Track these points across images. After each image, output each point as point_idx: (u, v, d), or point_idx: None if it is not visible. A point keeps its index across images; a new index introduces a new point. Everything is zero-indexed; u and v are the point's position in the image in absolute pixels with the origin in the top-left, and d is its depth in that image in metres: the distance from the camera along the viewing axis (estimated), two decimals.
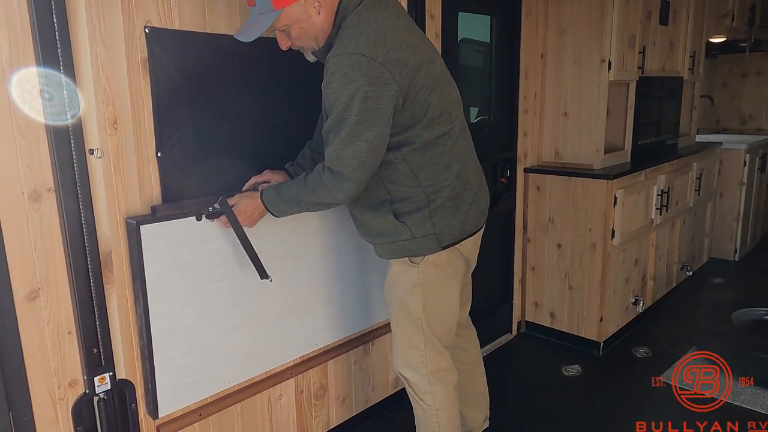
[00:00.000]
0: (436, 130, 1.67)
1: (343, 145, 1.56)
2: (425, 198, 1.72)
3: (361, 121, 1.53)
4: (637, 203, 3.22)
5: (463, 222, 1.78)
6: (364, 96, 1.51)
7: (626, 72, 3.09)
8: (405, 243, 1.76)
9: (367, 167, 1.60)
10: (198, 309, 1.75)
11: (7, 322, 1.44)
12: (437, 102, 1.66)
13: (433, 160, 1.69)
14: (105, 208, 1.57)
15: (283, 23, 1.60)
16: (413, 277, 1.80)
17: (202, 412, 1.87)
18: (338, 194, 1.63)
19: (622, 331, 3.31)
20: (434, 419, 1.92)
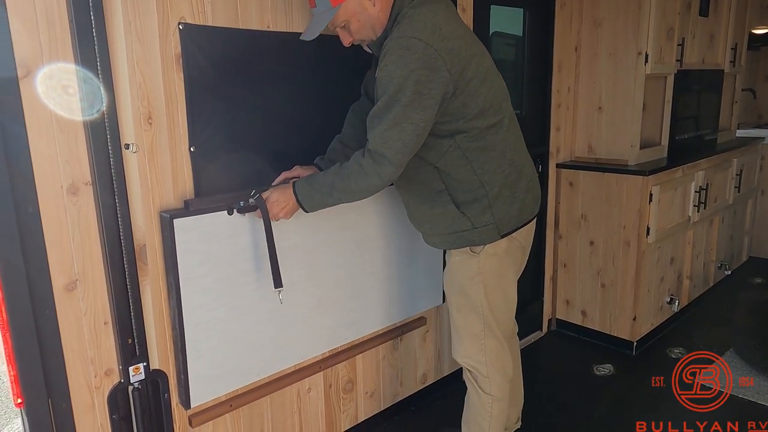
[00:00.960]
0: (487, 120, 1.70)
1: (389, 126, 1.58)
2: (481, 187, 1.74)
3: (411, 103, 1.56)
4: (674, 200, 3.14)
5: (520, 210, 1.81)
6: (417, 79, 1.55)
7: (664, 65, 3.01)
8: (465, 233, 1.78)
9: (408, 151, 1.61)
10: (229, 302, 1.77)
11: (47, 311, 1.49)
12: (487, 93, 1.69)
13: (486, 148, 1.72)
14: (140, 201, 1.61)
15: (342, 19, 1.67)
16: (474, 266, 1.82)
17: (232, 403, 1.90)
18: (375, 179, 1.63)
19: (657, 331, 3.24)
20: (488, 408, 1.94)
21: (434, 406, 2.63)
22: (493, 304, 1.87)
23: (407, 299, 2.36)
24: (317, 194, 1.72)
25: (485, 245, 1.80)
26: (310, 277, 1.98)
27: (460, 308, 1.90)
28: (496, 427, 1.96)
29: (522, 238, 1.89)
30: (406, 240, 2.29)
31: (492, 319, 1.87)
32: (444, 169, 1.74)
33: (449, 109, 1.64)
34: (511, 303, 1.96)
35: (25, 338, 1.45)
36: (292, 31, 1.85)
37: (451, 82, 1.60)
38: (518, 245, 1.89)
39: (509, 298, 1.95)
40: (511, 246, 1.86)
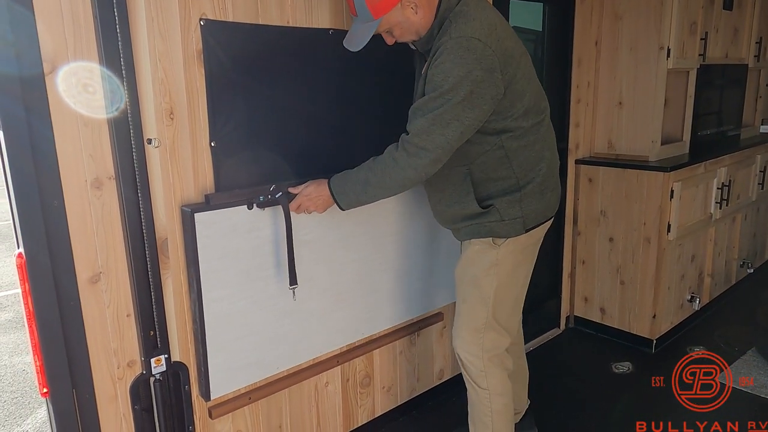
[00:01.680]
0: (531, 119, 1.73)
1: (434, 120, 1.59)
2: (516, 183, 1.76)
3: (463, 101, 1.58)
4: (696, 197, 3.09)
5: (546, 207, 1.85)
6: (473, 79, 1.57)
7: (686, 60, 2.97)
8: (492, 224, 1.79)
9: (449, 148, 1.63)
10: (248, 296, 1.79)
11: (71, 303, 1.51)
12: (532, 92, 1.73)
13: (528, 146, 1.75)
14: (161, 196, 1.63)
15: (384, 28, 1.71)
16: (492, 257, 1.83)
17: (251, 396, 1.92)
18: (410, 171, 1.64)
19: (677, 329, 3.20)
20: (487, 403, 1.93)
21: (451, 402, 2.63)
22: (502, 297, 1.88)
23: (424, 295, 2.36)
24: (351, 191, 1.73)
25: (508, 238, 1.80)
26: (328, 271, 1.99)
27: (467, 298, 1.90)
28: (500, 421, 1.95)
29: (539, 235, 1.91)
30: (423, 235, 2.29)
31: (495, 312, 1.88)
32: (478, 167, 1.76)
33: (499, 108, 1.66)
34: (521, 298, 1.97)
35: (50, 329, 1.48)
36: (311, 27, 1.86)
37: (502, 83, 1.62)
38: (535, 242, 1.91)
39: (520, 294, 1.96)
40: (530, 243, 1.87)
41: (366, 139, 2.07)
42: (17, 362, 3.50)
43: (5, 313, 4.31)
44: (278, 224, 1.81)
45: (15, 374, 3.35)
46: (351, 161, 1.89)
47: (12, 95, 1.35)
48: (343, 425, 2.27)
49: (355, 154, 2.04)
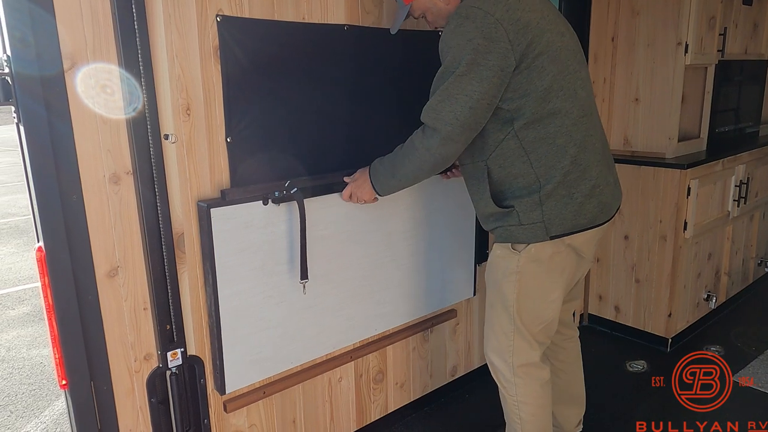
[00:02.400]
0: (552, 105, 1.60)
1: (442, 98, 1.55)
2: (536, 181, 1.64)
3: (466, 73, 1.52)
4: (713, 194, 3.06)
5: (576, 213, 1.67)
6: (474, 48, 1.51)
7: (705, 55, 2.93)
8: (512, 228, 1.70)
9: (461, 125, 1.55)
10: (263, 291, 1.80)
11: (90, 297, 1.53)
12: (558, 74, 1.60)
13: (546, 138, 1.62)
14: (178, 191, 1.64)
15: (418, 13, 1.78)
16: (512, 264, 1.75)
17: (266, 390, 1.93)
18: (424, 153, 1.60)
19: (693, 328, 3.17)
20: (515, 410, 1.89)
21: (464, 398, 2.63)
22: (526, 307, 1.78)
23: (438, 291, 2.36)
24: (383, 177, 1.75)
25: (529, 245, 1.70)
26: (343, 267, 2.00)
27: (493, 303, 1.86)
28: (530, 431, 1.89)
29: (577, 245, 1.75)
30: (437, 232, 2.29)
31: (521, 322, 1.79)
32: (495, 162, 1.67)
33: (512, 84, 1.56)
34: (549, 311, 1.81)
35: (69, 322, 1.50)
36: (327, 23, 1.86)
37: (513, 54, 1.52)
38: (570, 251, 1.75)
39: (548, 306, 1.80)
40: (559, 251, 1.73)
41: (381, 135, 2.07)
42: (35, 355, 3.55)
43: (23, 307, 4.38)
44: (293, 220, 1.82)
45: (33, 367, 3.40)
46: (365, 157, 1.90)
47: (33, 93, 1.36)
48: (356, 420, 2.28)
49: (370, 150, 2.04)
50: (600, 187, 1.70)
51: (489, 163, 1.69)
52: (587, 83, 1.73)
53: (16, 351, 3.62)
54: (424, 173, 1.71)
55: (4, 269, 5.32)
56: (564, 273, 1.79)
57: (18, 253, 5.85)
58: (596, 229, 1.76)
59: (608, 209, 1.76)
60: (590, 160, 1.68)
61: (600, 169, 1.71)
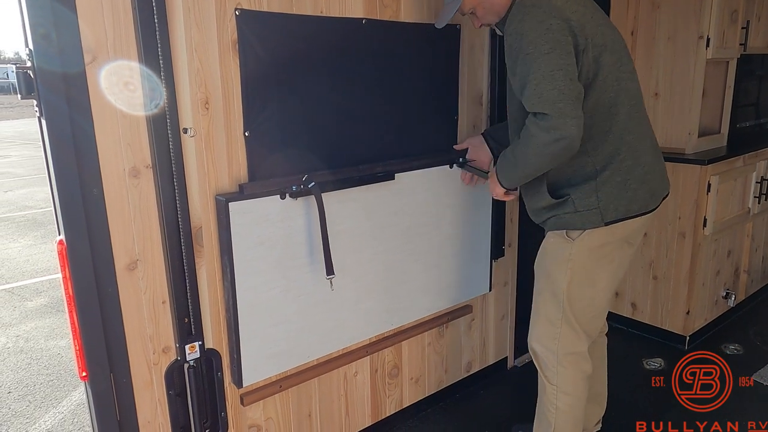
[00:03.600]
0: (609, 94, 1.66)
1: (538, 81, 1.55)
2: (592, 168, 1.70)
3: (551, 50, 1.54)
4: (733, 191, 3.01)
5: (630, 200, 1.73)
6: (548, 28, 1.55)
7: (726, 49, 2.88)
8: (567, 216, 1.74)
9: (566, 98, 1.54)
10: (281, 285, 1.80)
11: (109, 289, 1.54)
12: (613, 65, 1.66)
13: (604, 126, 1.67)
14: (196, 184, 1.64)
15: (468, 7, 1.79)
16: (565, 252, 1.78)
17: (282, 384, 1.94)
18: (544, 136, 1.56)
19: (711, 326, 3.13)
20: (553, 400, 1.90)
21: (479, 394, 2.62)
22: (577, 296, 1.80)
23: (454, 287, 2.35)
24: (506, 169, 1.77)
25: (584, 231, 1.74)
26: (359, 262, 1.99)
27: (542, 291, 1.87)
28: (564, 421, 1.89)
29: (628, 232, 1.79)
30: (454, 228, 2.27)
31: (570, 310, 1.81)
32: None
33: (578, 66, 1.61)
34: (600, 300, 1.86)
35: (89, 314, 1.51)
36: (345, 16, 1.85)
37: (579, 35, 1.58)
38: (621, 239, 1.79)
39: (599, 295, 1.84)
40: (611, 240, 1.77)
41: (398, 129, 2.06)
42: (52, 346, 3.60)
43: (41, 298, 4.43)
44: (311, 214, 1.82)
45: (51, 357, 3.45)
46: (384, 151, 1.89)
47: (54, 88, 1.37)
48: (371, 415, 2.29)
49: (388, 144, 2.04)
50: (650, 174, 1.76)
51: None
52: (635, 76, 1.78)
53: (35, 342, 3.67)
54: (547, 159, 1.64)
55: (22, 261, 5.39)
56: (614, 263, 1.82)
57: (35, 245, 5.92)
58: (645, 216, 1.80)
59: (656, 196, 1.81)
60: (643, 148, 1.75)
61: (650, 156, 1.77)
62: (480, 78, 2.30)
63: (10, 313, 4.15)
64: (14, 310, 4.22)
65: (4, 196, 8.66)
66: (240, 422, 1.88)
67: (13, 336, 3.77)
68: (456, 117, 2.24)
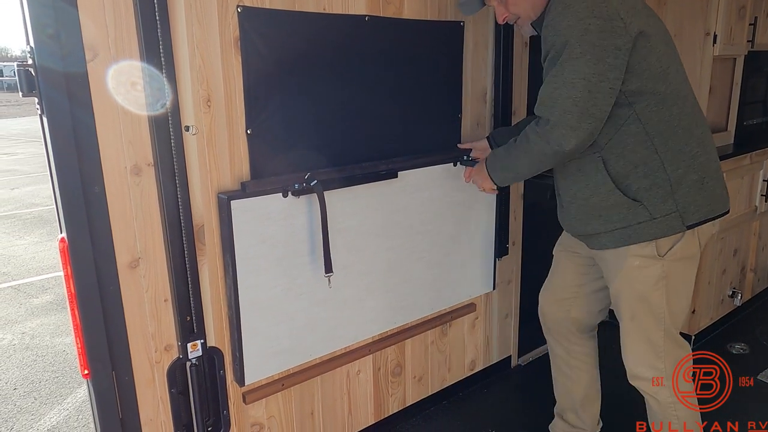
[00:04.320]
0: (673, 86, 1.53)
1: (557, 84, 1.46)
2: (662, 169, 1.53)
3: (582, 55, 1.42)
4: (740, 189, 2.99)
5: (710, 198, 1.59)
6: (586, 28, 1.41)
7: (734, 46, 2.85)
8: (642, 226, 1.57)
9: (580, 111, 1.44)
10: (283, 283, 1.80)
11: (111, 287, 1.54)
12: (670, 55, 1.55)
13: (671, 120, 1.53)
14: (198, 182, 1.64)
15: None
16: (657, 271, 1.62)
17: (284, 382, 1.93)
18: (542, 145, 1.50)
19: (717, 325, 3.11)
20: (671, 411, 1.80)
21: (482, 393, 2.61)
22: (676, 308, 1.69)
23: (457, 285, 2.34)
24: (499, 168, 1.73)
25: (673, 247, 1.59)
26: (362, 260, 1.99)
27: (636, 315, 1.71)
28: (690, 426, 1.83)
29: (706, 233, 1.66)
30: (458, 226, 2.26)
31: (671, 324, 1.70)
32: (613, 152, 1.55)
33: (629, 64, 1.47)
34: (689, 304, 1.78)
35: (91, 312, 1.51)
36: (348, 13, 1.84)
37: (626, 32, 1.43)
38: (700, 242, 1.66)
39: (689, 301, 1.76)
40: (697, 246, 1.65)
41: (402, 126, 2.05)
42: (58, 343, 3.62)
43: (46, 295, 4.45)
44: (313, 212, 1.81)
45: (56, 354, 3.46)
46: (387, 149, 1.88)
47: (56, 85, 1.37)
48: (374, 413, 2.28)
49: (391, 141, 2.03)
50: (720, 170, 1.65)
51: (605, 153, 1.57)
52: (683, 69, 1.67)
53: (40, 339, 3.68)
54: (542, 165, 1.59)
55: (28, 258, 5.42)
56: (697, 265, 1.72)
57: (41, 242, 5.95)
58: (719, 218, 1.67)
59: (728, 193, 1.69)
60: (711, 142, 1.63)
61: (716, 151, 1.66)
62: (484, 75, 2.29)
63: (16, 310, 4.17)
64: (20, 307, 4.24)
65: (10, 193, 8.71)
66: (242, 420, 1.88)
67: (18, 333, 3.78)
68: (459, 115, 2.23)
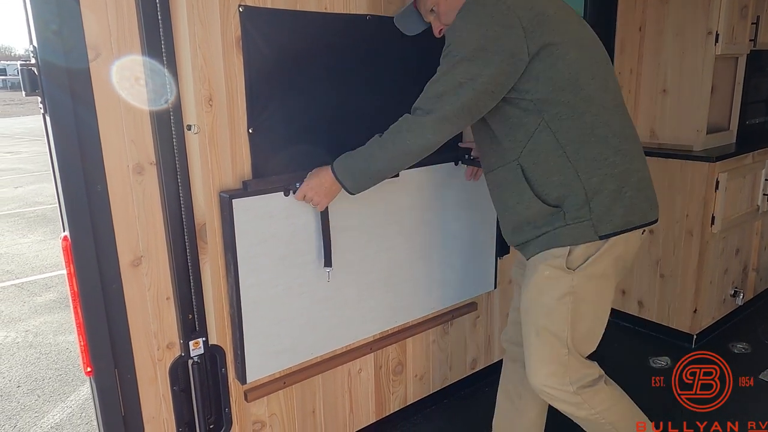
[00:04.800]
0: (585, 93, 1.49)
1: (445, 82, 1.47)
2: (576, 179, 1.51)
3: (473, 58, 1.43)
4: (742, 188, 2.98)
5: (628, 209, 1.53)
6: (483, 34, 1.43)
7: (736, 45, 2.85)
8: (557, 231, 1.54)
9: (462, 105, 1.46)
10: (284, 281, 1.81)
11: (114, 286, 1.55)
12: (586, 61, 1.51)
13: (584, 129, 1.50)
14: (200, 181, 1.65)
15: (430, 4, 1.66)
16: (566, 285, 1.57)
17: (286, 380, 1.94)
18: (416, 136, 1.50)
19: (718, 325, 3.11)
20: (601, 421, 1.70)
21: (483, 391, 2.61)
22: (580, 329, 1.62)
23: (459, 284, 2.34)
24: (357, 170, 1.62)
25: (585, 261, 1.54)
26: (364, 259, 1.99)
27: (540, 331, 1.65)
28: (625, 428, 1.73)
29: (623, 249, 1.58)
30: (459, 225, 2.27)
31: (574, 345, 1.63)
32: (529, 160, 1.54)
33: (532, 72, 1.46)
34: (601, 327, 1.68)
35: (94, 310, 1.52)
36: (349, 12, 1.85)
37: (525, 41, 1.43)
38: (616, 258, 1.58)
39: (600, 324, 1.67)
40: (611, 260, 1.57)
41: None
42: (61, 341, 3.63)
43: (50, 294, 4.47)
44: (315, 211, 1.82)
45: (59, 352, 3.48)
46: None
47: (59, 84, 1.37)
48: (376, 412, 2.29)
49: None
50: (646, 180, 1.60)
51: (521, 161, 1.56)
52: (615, 76, 1.65)
53: (43, 337, 3.70)
54: (407, 159, 1.58)
55: (32, 256, 5.44)
56: (613, 285, 1.65)
57: (45, 240, 5.97)
58: (644, 231, 1.62)
59: (654, 205, 1.64)
60: (634, 151, 1.57)
61: (643, 162, 1.61)
62: None
63: (20, 308, 4.19)
64: (24, 305, 4.26)
65: (14, 192, 8.73)
66: (244, 418, 1.89)
67: (22, 331, 3.80)
68: None
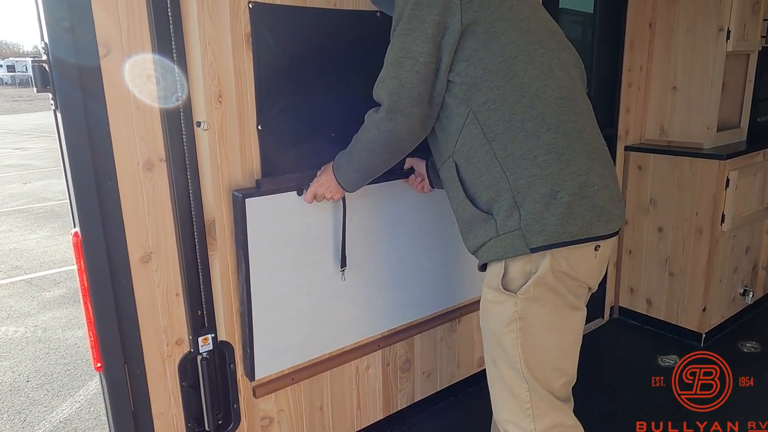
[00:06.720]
0: (518, 79, 1.31)
1: (388, 64, 1.38)
2: (504, 178, 1.32)
3: (408, 33, 1.33)
4: (753, 186, 2.96)
5: (564, 218, 1.30)
6: (416, 4, 1.32)
7: (747, 42, 2.82)
8: (490, 243, 1.38)
9: (408, 92, 1.34)
10: (295, 280, 1.81)
11: (124, 282, 1.56)
12: (526, 45, 1.33)
13: (512, 121, 1.31)
14: (210, 178, 1.65)
15: None
16: (510, 310, 1.38)
17: (294, 377, 1.95)
18: (373, 131, 1.44)
19: (728, 323, 3.09)
20: None
21: None
22: (536, 360, 1.40)
23: (467, 282, 2.34)
24: (344, 168, 1.61)
25: (526, 283, 1.35)
26: (373, 258, 1.99)
27: (496, 360, 1.47)
28: None
29: (566, 266, 1.34)
30: None
31: (534, 379, 1.41)
32: (461, 157, 1.40)
33: (465, 50, 1.33)
34: (566, 359, 1.44)
35: (104, 306, 1.53)
36: (359, 9, 1.84)
37: (459, 10, 1.30)
38: (566, 276, 1.35)
39: (563, 354, 1.43)
40: (557, 280, 1.35)
41: None
42: (70, 336, 3.65)
43: (59, 289, 4.50)
44: (327, 210, 1.81)
45: (68, 347, 3.50)
46: None
47: (70, 81, 1.38)
48: (383, 409, 2.29)
49: None
50: (594, 186, 1.33)
51: (455, 157, 1.41)
52: (573, 69, 1.43)
53: (52, 332, 3.72)
54: (379, 158, 1.50)
55: (41, 252, 5.48)
56: (571, 306, 1.40)
57: (53, 236, 6.01)
58: (599, 243, 1.37)
59: (608, 216, 1.35)
60: (575, 150, 1.33)
61: (591, 164, 1.34)
62: None
63: (29, 304, 4.22)
64: (32, 300, 4.29)
65: (23, 188, 8.79)
66: (252, 414, 1.89)
67: (31, 326, 3.83)
68: None
